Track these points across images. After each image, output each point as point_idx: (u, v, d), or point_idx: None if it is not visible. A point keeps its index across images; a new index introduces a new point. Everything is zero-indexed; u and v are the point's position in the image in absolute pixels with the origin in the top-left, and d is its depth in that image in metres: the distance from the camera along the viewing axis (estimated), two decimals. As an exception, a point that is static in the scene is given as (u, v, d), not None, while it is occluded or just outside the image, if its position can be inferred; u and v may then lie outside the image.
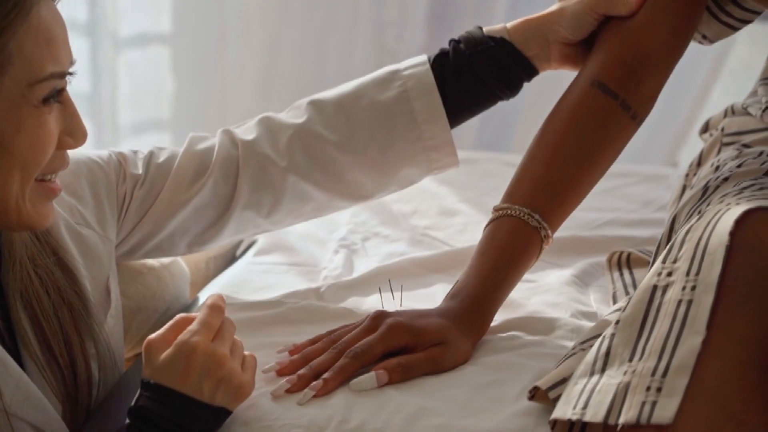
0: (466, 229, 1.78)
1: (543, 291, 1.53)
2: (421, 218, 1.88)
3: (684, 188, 1.63)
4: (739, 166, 1.43)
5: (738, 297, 1.09)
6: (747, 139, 1.57)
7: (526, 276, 1.51)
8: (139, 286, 1.51)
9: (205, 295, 1.56)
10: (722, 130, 1.63)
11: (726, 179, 1.38)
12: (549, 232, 1.39)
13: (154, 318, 1.51)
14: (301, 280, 1.59)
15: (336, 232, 1.79)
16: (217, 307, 1.18)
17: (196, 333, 1.14)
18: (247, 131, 1.48)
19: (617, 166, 2.12)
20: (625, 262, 1.62)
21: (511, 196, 1.41)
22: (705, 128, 1.72)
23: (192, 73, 3.08)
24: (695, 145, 1.93)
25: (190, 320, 1.17)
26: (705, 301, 1.08)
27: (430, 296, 1.49)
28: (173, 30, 3.05)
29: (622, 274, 1.59)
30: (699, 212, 1.28)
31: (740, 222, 1.14)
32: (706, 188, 1.39)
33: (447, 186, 2.00)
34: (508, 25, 1.49)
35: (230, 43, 3.02)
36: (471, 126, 2.77)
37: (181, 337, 1.14)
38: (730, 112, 1.65)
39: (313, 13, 2.99)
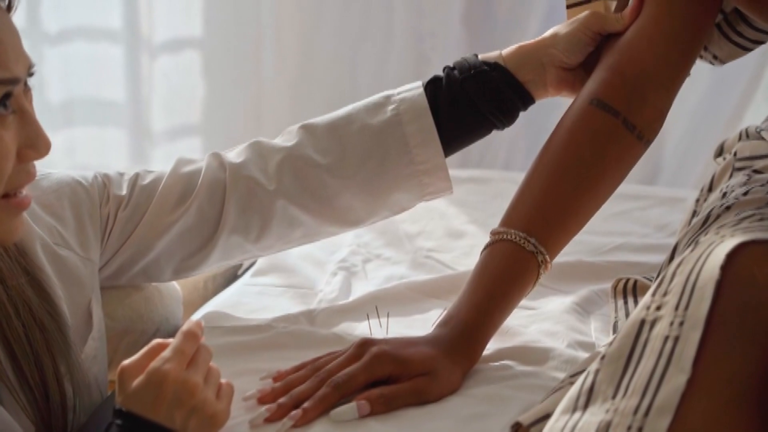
0: (472, 252, 1.74)
1: (542, 319, 1.49)
2: (427, 239, 1.84)
3: (694, 214, 1.58)
4: (745, 193, 1.38)
5: (727, 334, 1.05)
6: (759, 164, 1.52)
7: (527, 302, 1.47)
8: (126, 308, 1.48)
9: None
10: (735, 154, 1.58)
11: (728, 208, 1.33)
12: (547, 257, 1.35)
13: (142, 340, 1.49)
14: (295, 303, 1.56)
15: (337, 254, 1.76)
16: (191, 333, 1.15)
17: (168, 360, 1.12)
18: (236, 155, 1.46)
19: (632, 188, 2.10)
20: (630, 289, 1.57)
21: (508, 219, 1.38)
22: (719, 151, 1.67)
23: (224, 78, 3.07)
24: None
25: (165, 346, 1.15)
26: (692, 338, 1.04)
27: (425, 322, 1.45)
28: (205, 35, 3.04)
29: (626, 303, 1.54)
30: (696, 242, 1.24)
31: (732, 255, 1.10)
32: (707, 217, 1.34)
33: (456, 206, 1.96)
34: (504, 51, 1.46)
35: (263, 47, 3.00)
36: (489, 144, 2.74)
37: (153, 364, 1.12)
38: (744, 135, 1.60)
39: (347, 20, 2.96)
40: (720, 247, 1.12)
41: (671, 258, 1.37)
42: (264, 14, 2.98)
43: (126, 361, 1.13)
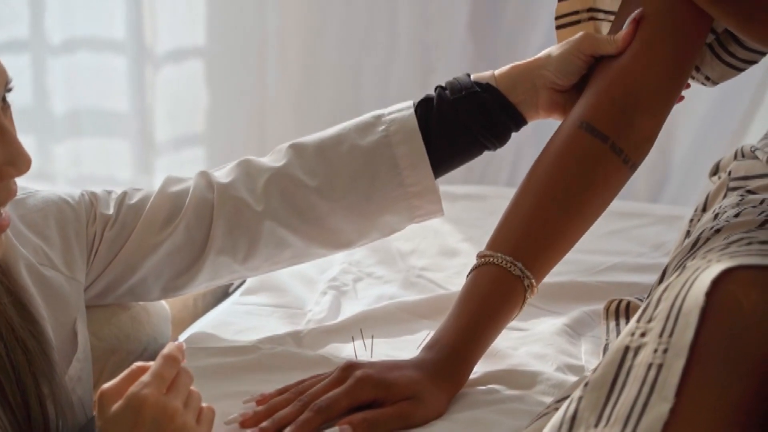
0: (464, 270, 1.69)
1: (532, 340, 1.47)
2: (420, 258, 1.83)
3: (687, 234, 1.56)
4: (736, 215, 1.37)
5: (711, 362, 1.04)
6: (753, 184, 1.50)
7: (517, 323, 1.46)
8: (113, 328, 1.47)
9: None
10: (729, 173, 1.56)
11: (718, 231, 1.32)
12: (533, 281, 1.34)
13: (129, 360, 1.47)
14: (283, 323, 1.55)
15: (328, 272, 1.74)
16: (171, 357, 1.14)
17: (147, 385, 1.10)
18: (225, 174, 1.45)
19: (629, 206, 2.09)
20: (623, 311, 1.55)
21: (494, 242, 1.36)
22: (715, 170, 1.65)
23: (228, 88, 3.06)
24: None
25: (146, 370, 1.13)
26: (676, 366, 1.03)
27: (414, 343, 1.43)
28: (208, 44, 3.03)
29: (618, 324, 1.52)
30: (683, 267, 1.22)
31: (718, 282, 1.08)
32: (697, 240, 1.33)
33: (451, 223, 1.94)
34: (497, 71, 1.44)
35: (267, 57, 2.99)
36: (491, 160, 2.72)
37: (132, 388, 1.10)
38: (740, 154, 1.58)
39: (352, 29, 2.95)
40: (705, 272, 1.11)
41: (661, 280, 1.35)
42: (268, 23, 2.97)
43: (106, 385, 1.12)
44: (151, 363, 1.14)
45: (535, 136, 2.55)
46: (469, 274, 1.35)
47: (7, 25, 3.00)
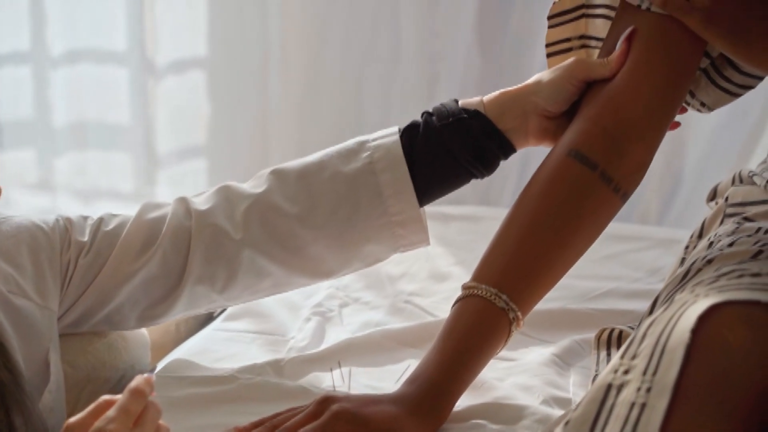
0: (453, 296, 1.65)
1: (519, 371, 1.43)
2: (409, 282, 1.78)
3: (682, 262, 1.52)
4: (730, 244, 1.32)
5: (696, 402, 1.01)
6: (751, 211, 1.45)
7: (505, 353, 1.42)
8: (88, 356, 1.43)
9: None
10: (726, 199, 1.51)
11: (710, 261, 1.28)
12: (519, 314, 1.30)
13: (105, 389, 1.44)
14: (264, 351, 1.51)
15: (313, 297, 1.69)
16: (138, 391, 1.10)
17: (112, 420, 1.07)
18: (204, 200, 1.41)
19: (626, 229, 2.04)
20: (615, 340, 1.50)
21: (479, 273, 1.32)
22: (712, 195, 1.60)
23: (230, 99, 3.04)
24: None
25: (112, 404, 1.10)
26: (659, 406, 1.00)
27: (397, 373, 1.39)
28: (210, 55, 3.01)
29: (609, 354, 1.48)
30: (671, 300, 1.19)
31: (704, 318, 1.05)
32: (688, 271, 1.29)
33: (444, 246, 1.90)
34: (485, 98, 1.40)
35: (269, 67, 2.97)
36: (492, 179, 2.68)
37: (97, 424, 1.07)
38: (738, 179, 1.54)
39: (355, 40, 2.92)
40: (692, 308, 1.07)
41: (651, 311, 1.31)
42: (270, 33, 2.94)
43: (72, 419, 1.08)
44: (119, 396, 1.11)
45: (543, 155, 2.51)
46: (453, 305, 1.31)
47: (8, 37, 2.98)
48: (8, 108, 2.98)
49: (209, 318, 1.68)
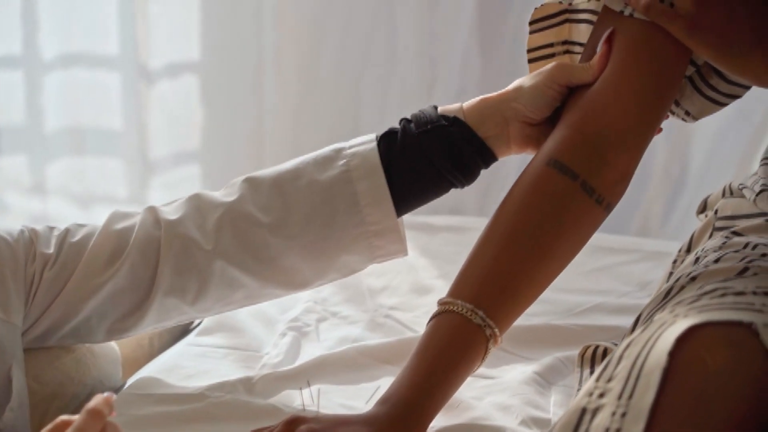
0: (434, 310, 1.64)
1: (498, 390, 1.38)
2: (390, 296, 1.73)
3: (670, 276, 1.47)
4: (716, 260, 1.28)
5: (671, 428, 0.96)
6: (740, 224, 1.41)
7: (485, 371, 1.38)
8: (55, 371, 1.39)
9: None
10: (716, 212, 1.47)
11: (694, 279, 1.23)
12: (496, 331, 1.25)
13: (73, 405, 1.39)
14: (237, 367, 1.46)
15: (290, 311, 1.65)
16: (96, 412, 1.06)
17: None
18: (174, 210, 1.36)
19: (616, 241, 1.99)
20: (599, 357, 1.46)
21: (456, 289, 1.27)
22: (702, 208, 1.56)
23: (224, 104, 3.01)
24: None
25: (70, 424, 1.06)
26: (634, 431, 0.95)
27: (372, 391, 1.35)
28: (203, 59, 2.99)
29: (592, 372, 1.43)
30: (651, 320, 1.14)
31: (683, 340, 1.01)
32: (670, 289, 1.24)
33: (428, 257, 1.85)
34: (465, 104, 1.36)
35: (264, 71, 2.95)
36: (489, 187, 2.64)
37: None
38: (728, 192, 1.49)
39: (350, 44, 2.89)
40: (670, 329, 1.03)
41: (633, 329, 1.26)
42: (264, 36, 2.92)
43: None
44: (76, 417, 1.06)
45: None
46: (429, 321, 1.27)
47: (0, 41, 2.96)
48: (0, 113, 2.96)
49: (184, 331, 1.64)
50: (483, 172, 1.40)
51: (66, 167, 3.02)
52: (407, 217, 1.42)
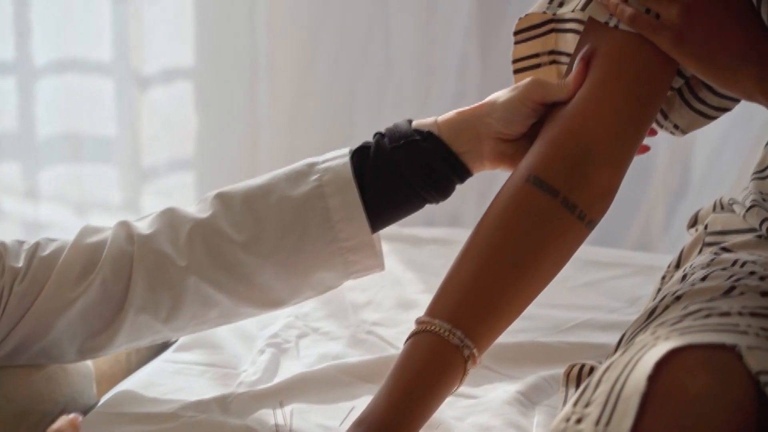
0: (419, 326, 1.60)
1: (480, 410, 1.35)
2: (374, 311, 1.69)
3: (658, 293, 1.44)
4: (703, 278, 1.24)
5: (650, 455, 0.93)
6: (730, 240, 1.37)
7: (467, 390, 1.35)
8: (26, 389, 1.36)
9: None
10: (706, 227, 1.43)
11: (679, 298, 1.19)
12: (474, 352, 1.21)
13: (44, 423, 1.35)
14: (213, 385, 1.42)
15: (270, 327, 1.61)
16: None
17: None
18: (147, 225, 1.33)
19: (607, 254, 1.95)
20: (586, 376, 1.42)
21: (433, 308, 1.24)
22: (693, 221, 1.52)
23: (218, 110, 3.00)
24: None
25: None
26: (611, 459, 0.93)
27: (347, 411, 1.31)
28: (197, 65, 2.97)
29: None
30: (632, 342, 1.11)
31: (662, 364, 0.98)
32: (654, 309, 1.20)
33: (415, 271, 1.81)
34: (440, 118, 1.33)
35: (258, 77, 2.93)
36: (484, 198, 2.61)
37: None
38: (719, 206, 1.46)
39: (345, 49, 2.86)
40: (650, 352, 1.00)
41: (615, 350, 1.23)
42: (258, 42, 2.90)
43: None
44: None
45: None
46: (406, 341, 1.23)
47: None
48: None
49: (163, 347, 1.60)
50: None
51: (59, 174, 3.00)
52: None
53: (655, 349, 1.00)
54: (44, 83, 2.89)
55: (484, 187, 2.56)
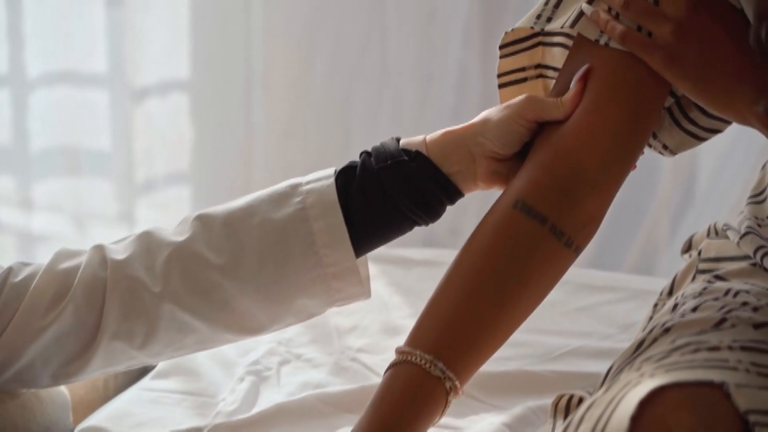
0: (404, 353, 1.56)
1: (464, 443, 1.31)
2: (359, 337, 1.65)
3: (649, 321, 1.39)
4: (694, 309, 1.20)
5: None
6: (724, 268, 1.33)
7: (451, 420, 1.32)
8: (0, 419, 1.32)
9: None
10: (699, 253, 1.39)
11: (668, 330, 1.15)
12: (456, 383, 1.17)
13: (18, 453, 1.33)
14: (190, 415, 1.39)
15: (251, 353, 1.57)
16: None
17: None
18: (122, 249, 1.29)
19: (604, 277, 1.91)
20: (575, 407, 1.37)
21: (414, 337, 1.19)
22: (687, 246, 1.48)
23: (213, 122, 2.98)
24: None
25: None
26: (590, 504, 0.89)
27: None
28: (192, 76, 2.95)
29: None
30: (617, 379, 1.06)
31: (646, 403, 0.94)
32: (642, 341, 1.16)
33: (403, 295, 1.76)
34: (428, 137, 1.28)
35: (253, 89, 2.91)
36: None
37: None
38: (713, 231, 1.42)
39: (340, 61, 2.83)
40: (634, 391, 0.96)
41: (602, 383, 1.18)
42: (253, 53, 2.89)
43: None
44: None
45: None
46: (386, 371, 1.19)
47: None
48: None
49: (143, 371, 1.56)
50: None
51: (54, 187, 2.98)
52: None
53: (639, 387, 0.96)
54: (38, 95, 2.88)
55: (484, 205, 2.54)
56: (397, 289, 1.78)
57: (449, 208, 1.32)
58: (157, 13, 2.90)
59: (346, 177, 1.28)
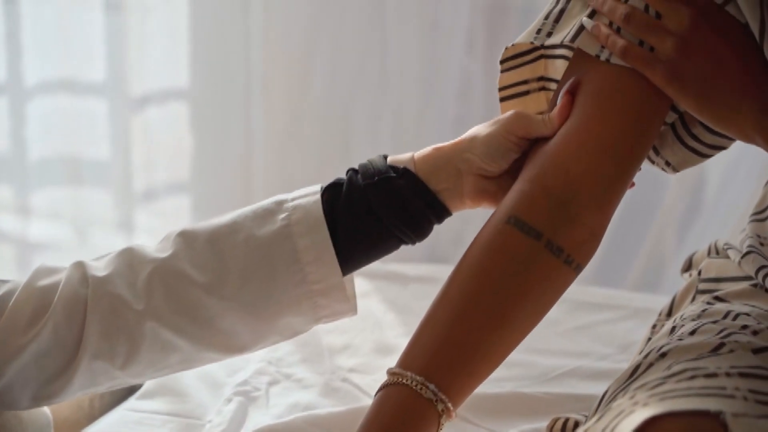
0: (395, 373, 1.52)
1: (456, 467, 1.27)
2: (351, 356, 1.61)
3: (648, 343, 1.36)
4: (692, 332, 1.17)
5: None
6: (724, 289, 1.29)
7: (442, 444, 1.26)
8: (-22, 441, 1.29)
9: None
10: (699, 273, 1.35)
11: (664, 355, 1.11)
12: (449, 406, 1.13)
13: (-3, 477, 1.30)
14: (174, 437, 1.35)
15: (239, 373, 1.53)
16: None
17: None
18: (103, 266, 1.26)
19: (604, 295, 1.86)
20: (570, 431, 1.34)
21: (406, 359, 1.16)
22: (688, 265, 1.44)
23: (212, 131, 2.96)
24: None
25: None
26: None
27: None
28: (192, 85, 2.93)
29: (560, 448, 1.32)
30: (609, 407, 1.03)
31: None
32: (637, 366, 1.12)
33: (396, 312, 1.72)
34: (417, 154, 1.25)
35: (252, 98, 2.89)
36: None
37: None
38: (713, 250, 1.38)
39: (340, 69, 2.80)
40: (627, 420, 0.93)
41: (596, 409, 1.15)
42: (253, 63, 2.86)
43: None
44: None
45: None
46: (376, 393, 1.15)
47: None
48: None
49: (130, 391, 1.53)
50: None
51: (52, 196, 2.96)
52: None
53: (632, 416, 0.93)
54: (36, 103, 2.86)
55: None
56: (391, 306, 1.74)
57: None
58: (156, 23, 2.88)
59: (332, 193, 1.25)
